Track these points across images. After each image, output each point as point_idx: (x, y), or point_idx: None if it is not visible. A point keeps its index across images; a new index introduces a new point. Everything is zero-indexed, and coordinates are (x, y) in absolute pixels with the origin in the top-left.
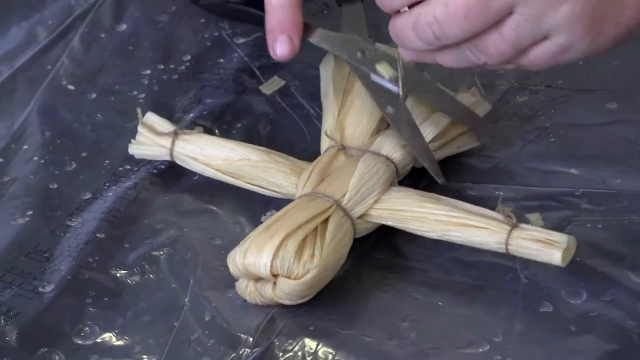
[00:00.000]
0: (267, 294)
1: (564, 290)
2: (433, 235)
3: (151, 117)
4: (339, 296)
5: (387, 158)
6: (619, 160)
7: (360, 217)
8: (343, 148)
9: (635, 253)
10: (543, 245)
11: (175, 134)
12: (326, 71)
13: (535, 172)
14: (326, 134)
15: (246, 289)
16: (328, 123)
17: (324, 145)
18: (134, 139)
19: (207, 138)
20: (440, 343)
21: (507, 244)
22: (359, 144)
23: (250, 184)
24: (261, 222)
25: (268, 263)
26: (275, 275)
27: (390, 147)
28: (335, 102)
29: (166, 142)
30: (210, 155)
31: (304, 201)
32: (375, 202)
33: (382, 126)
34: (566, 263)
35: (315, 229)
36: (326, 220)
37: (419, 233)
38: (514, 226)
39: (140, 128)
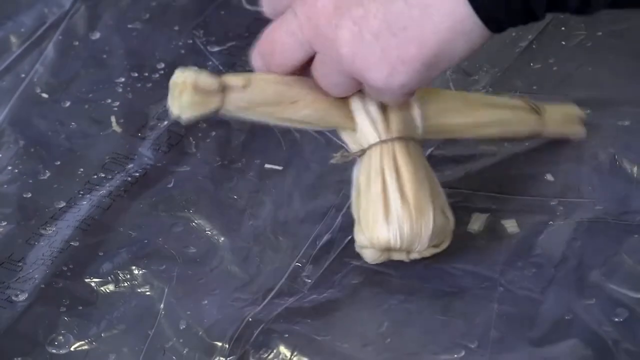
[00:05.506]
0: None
1: (539, 296)
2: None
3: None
4: (314, 302)
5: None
6: (593, 167)
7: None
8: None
9: (610, 258)
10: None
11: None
12: None
13: (510, 178)
14: None
15: (379, 258)
16: None
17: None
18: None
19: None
20: (415, 349)
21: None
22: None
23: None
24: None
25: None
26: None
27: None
28: None
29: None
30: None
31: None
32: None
33: None
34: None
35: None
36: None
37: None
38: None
39: (188, 87)
